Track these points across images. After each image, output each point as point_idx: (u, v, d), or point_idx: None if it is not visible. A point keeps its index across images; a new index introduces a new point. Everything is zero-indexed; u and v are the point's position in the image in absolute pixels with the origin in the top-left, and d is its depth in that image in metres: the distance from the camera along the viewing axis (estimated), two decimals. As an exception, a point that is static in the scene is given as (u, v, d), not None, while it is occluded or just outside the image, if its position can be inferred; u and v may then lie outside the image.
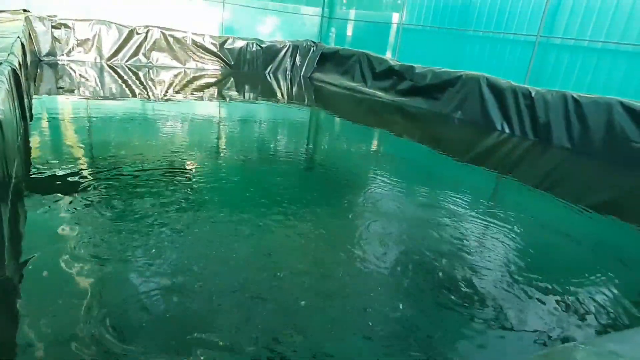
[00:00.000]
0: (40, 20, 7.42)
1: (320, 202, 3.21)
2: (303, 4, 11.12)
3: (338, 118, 6.95)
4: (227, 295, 1.93)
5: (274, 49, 9.95)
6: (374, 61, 8.79)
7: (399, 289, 2.18)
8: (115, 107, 5.55)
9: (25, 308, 1.69)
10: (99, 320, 1.66)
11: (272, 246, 2.44)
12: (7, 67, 2.75)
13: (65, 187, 2.80)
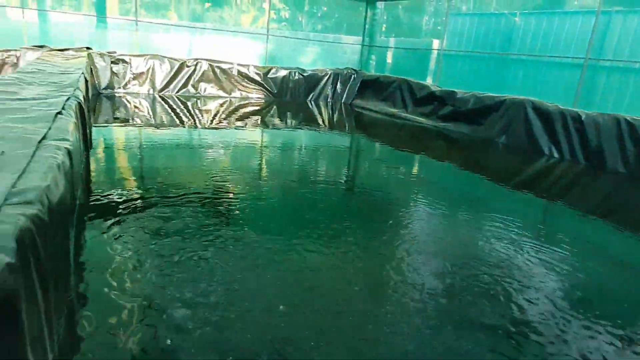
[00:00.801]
0: (101, 57, 8.04)
1: (361, 228, 3.22)
2: (343, 33, 11.42)
3: (379, 144, 6.97)
4: (256, 334, 1.96)
5: (315, 77, 10.21)
6: (414, 87, 8.81)
7: (449, 324, 2.13)
8: (165, 135, 5.87)
9: (88, 327, 1.80)
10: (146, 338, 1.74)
11: (311, 277, 2.47)
12: (74, 101, 3.01)
13: (118, 212, 2.98)
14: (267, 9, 10.24)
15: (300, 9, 11.43)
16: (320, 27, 11.62)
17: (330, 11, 11.65)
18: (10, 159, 1.57)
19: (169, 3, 10.26)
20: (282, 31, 10.64)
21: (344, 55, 11.29)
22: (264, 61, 10.11)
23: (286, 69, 9.87)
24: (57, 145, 1.89)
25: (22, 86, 3.34)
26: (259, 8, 11.66)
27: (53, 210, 1.42)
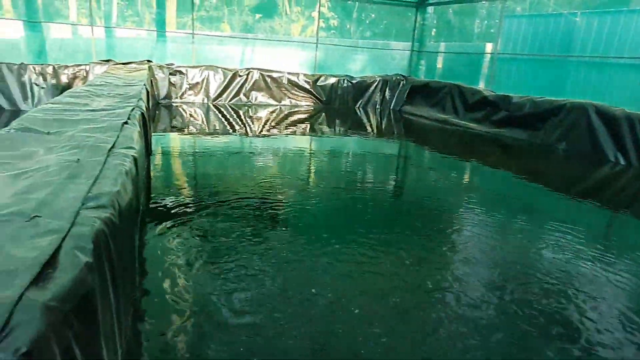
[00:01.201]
0: (160, 69, 8.50)
1: (410, 235, 3.17)
2: (392, 39, 11.35)
3: (428, 150, 6.84)
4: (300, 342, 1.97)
5: (364, 84, 10.21)
6: (466, 92, 8.58)
7: (507, 344, 2.05)
8: (218, 143, 6.09)
9: (151, 324, 1.90)
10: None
11: (359, 285, 2.46)
12: (138, 111, 3.20)
13: (173, 215, 3.12)
14: (317, 18, 10.39)
15: (349, 17, 11.49)
16: (369, 34, 11.62)
17: (379, 18, 11.62)
18: (85, 166, 1.70)
19: (222, 16, 10.68)
20: (331, 39, 10.75)
21: (393, 62, 11.20)
22: (313, 69, 10.24)
23: (335, 77, 9.94)
24: (125, 153, 2.02)
25: (92, 98, 3.60)
26: (308, 17, 11.85)
27: (122, 213, 1.51)
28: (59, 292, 0.83)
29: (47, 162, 1.76)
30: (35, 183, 1.48)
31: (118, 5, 9.54)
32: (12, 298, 0.75)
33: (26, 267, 0.87)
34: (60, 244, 1.02)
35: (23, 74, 7.43)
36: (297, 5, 11.70)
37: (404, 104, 10.22)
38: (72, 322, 0.85)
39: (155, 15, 9.75)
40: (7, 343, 0.66)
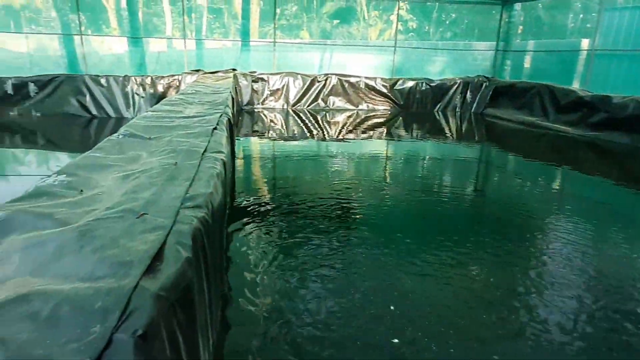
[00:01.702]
0: (244, 77, 8.97)
1: (492, 244, 3.02)
2: (474, 39, 10.88)
3: (512, 155, 6.45)
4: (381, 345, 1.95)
5: (443, 87, 9.91)
6: (557, 93, 7.96)
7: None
8: (296, 147, 6.27)
9: (235, 315, 2.02)
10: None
11: (433, 295, 2.39)
12: (225, 117, 3.42)
13: (254, 215, 3.27)
14: (395, 21, 10.29)
15: (428, 18, 11.22)
16: (449, 34, 11.24)
17: (460, 17, 11.20)
18: (182, 169, 1.86)
19: (302, 24, 10.99)
20: (409, 42, 10.57)
21: (475, 63, 10.73)
22: (391, 73, 10.15)
23: (413, 80, 9.77)
24: (215, 157, 2.17)
25: (185, 106, 3.91)
26: (386, 21, 11.78)
27: (214, 213, 1.63)
28: (166, 283, 0.92)
29: (150, 164, 1.95)
30: (141, 184, 1.65)
31: (207, 19, 10.25)
32: (130, 286, 0.85)
33: (139, 259, 0.98)
34: (165, 240, 1.13)
35: (126, 84, 8.26)
36: (374, 10, 11.69)
37: (486, 107, 9.75)
38: (176, 311, 0.93)
39: (240, 26, 10.32)
40: (127, 325, 0.75)
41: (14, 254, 1.08)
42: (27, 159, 5.93)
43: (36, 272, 0.97)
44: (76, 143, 6.87)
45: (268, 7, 9.83)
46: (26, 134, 7.23)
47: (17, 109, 8.15)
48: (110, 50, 9.46)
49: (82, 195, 1.57)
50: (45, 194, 1.54)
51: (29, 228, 1.23)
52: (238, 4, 10.34)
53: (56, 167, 5.10)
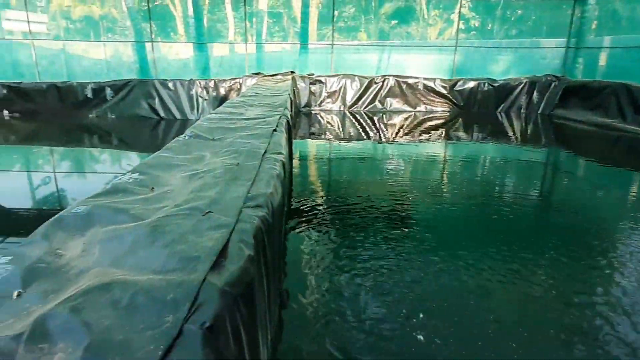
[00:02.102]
0: (302, 79, 9.12)
1: (558, 255, 2.84)
2: (542, 36, 10.30)
3: (584, 160, 6.03)
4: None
5: (507, 87, 9.47)
6: (636, 92, 7.34)
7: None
8: (352, 148, 6.27)
9: (288, 313, 2.06)
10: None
11: (494, 306, 2.28)
12: (284, 119, 3.50)
13: (309, 215, 3.31)
14: (457, 20, 9.99)
15: (492, 16, 10.78)
16: (515, 32, 10.73)
17: (527, 14, 10.64)
18: (244, 169, 1.93)
19: (359, 25, 10.98)
20: (471, 41, 10.22)
21: (542, 61, 10.15)
22: (451, 73, 9.86)
23: (474, 80, 9.43)
24: (275, 157, 2.23)
25: (246, 108, 4.04)
26: (446, 20, 11.46)
27: (274, 213, 1.67)
28: (230, 279, 0.97)
29: (213, 164, 2.04)
30: (206, 183, 1.73)
31: (267, 23, 10.54)
32: (198, 280, 0.90)
33: (205, 255, 1.03)
34: (228, 238, 1.18)
35: (191, 88, 8.69)
36: (435, 9, 11.42)
37: (555, 108, 9.19)
38: (239, 306, 0.97)
39: (298, 29, 10.50)
40: (196, 317, 0.80)
41: (95, 245, 1.18)
42: (104, 158, 6.42)
43: (115, 263, 1.05)
44: (146, 143, 7.34)
45: (326, 10, 9.92)
46: (103, 135, 7.82)
47: (95, 112, 8.86)
48: (177, 55, 10.01)
49: (153, 193, 1.68)
50: (121, 190, 1.66)
51: (107, 222, 1.34)
52: (297, 7, 10.53)
53: (128, 166, 5.48)
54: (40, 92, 8.79)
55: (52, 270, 1.07)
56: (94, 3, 11.26)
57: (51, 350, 0.68)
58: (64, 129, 8.21)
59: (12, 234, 3.52)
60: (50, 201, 4.37)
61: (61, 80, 9.07)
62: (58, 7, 12.10)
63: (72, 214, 1.38)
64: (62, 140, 7.47)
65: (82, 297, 0.81)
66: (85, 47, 10.11)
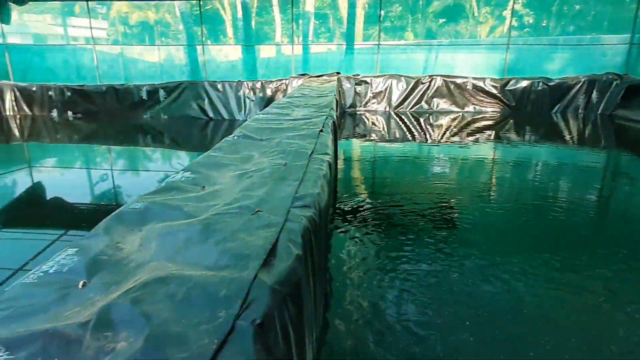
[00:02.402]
0: (347, 80, 9.11)
1: (617, 268, 2.65)
2: (603, 32, 9.70)
3: (651, 164, 5.62)
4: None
5: (563, 86, 8.99)
6: None
7: None
8: (396, 149, 6.19)
9: (331, 314, 2.07)
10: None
11: (552, 323, 2.17)
12: (330, 120, 3.51)
13: (353, 216, 3.30)
14: (509, 16, 9.61)
15: (547, 12, 10.29)
16: (572, 28, 10.18)
17: (586, 9, 10.07)
18: (291, 170, 1.95)
19: (406, 24, 10.82)
20: (524, 38, 9.80)
21: (603, 59, 9.55)
22: (502, 73, 9.50)
23: (528, 80, 9.03)
24: (322, 158, 2.24)
25: (292, 109, 4.09)
26: (497, 17, 11.05)
27: (321, 213, 1.68)
28: (280, 277, 0.98)
29: (262, 164, 2.08)
30: (255, 182, 1.77)
31: (314, 24, 10.61)
32: (249, 278, 0.92)
33: (256, 254, 1.05)
34: (277, 237, 1.19)
35: (239, 89, 8.91)
36: (486, 6, 11.05)
37: (616, 108, 8.63)
38: (288, 305, 0.99)
39: (344, 30, 10.51)
40: (247, 314, 0.82)
41: (152, 240, 1.23)
42: (156, 156, 6.72)
43: (170, 258, 1.09)
44: (195, 142, 7.60)
45: (372, 10, 9.85)
46: (155, 134, 8.19)
47: (149, 112, 9.29)
48: (226, 57, 10.31)
49: (204, 191, 1.73)
50: (174, 188, 1.73)
51: (163, 218, 1.40)
52: (343, 8, 10.54)
53: (178, 164, 5.70)
54: (100, 94, 9.34)
55: (113, 262, 1.13)
56: (149, 9, 11.82)
57: (115, 338, 0.72)
58: (120, 128, 8.68)
59: (73, 226, 3.76)
60: (107, 197, 4.63)
61: (119, 82, 9.59)
62: (117, 14, 12.81)
63: (130, 210, 1.46)
64: (119, 140, 7.90)
65: (141, 290, 0.85)
66: (140, 50, 10.64)
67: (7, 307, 0.92)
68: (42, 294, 0.97)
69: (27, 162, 6.45)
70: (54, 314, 0.86)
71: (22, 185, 5.17)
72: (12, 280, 2.75)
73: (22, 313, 0.87)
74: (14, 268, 2.95)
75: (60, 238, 3.48)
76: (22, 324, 0.81)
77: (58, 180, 5.31)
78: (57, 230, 3.68)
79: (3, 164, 6.32)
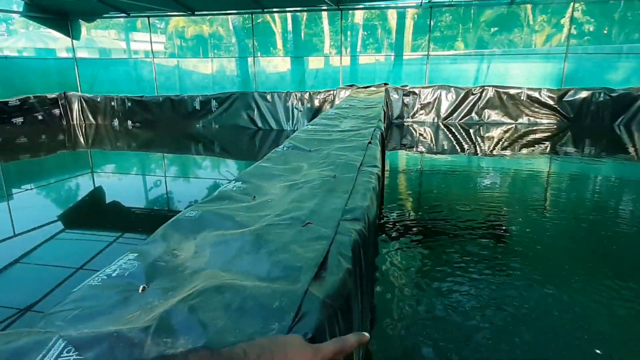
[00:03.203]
0: (395, 90, 9.05)
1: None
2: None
3: None
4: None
5: (628, 97, 8.44)
6: None
7: None
8: (444, 161, 6.04)
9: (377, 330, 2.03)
10: None
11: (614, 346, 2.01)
12: (378, 131, 3.49)
13: (398, 228, 3.24)
14: (567, 24, 9.19)
15: (610, 19, 9.75)
16: (638, 36, 9.58)
17: (654, 15, 9.45)
18: (340, 182, 1.95)
19: (457, 34, 10.62)
20: (584, 47, 9.33)
21: (676, 67, 8.92)
22: (559, 83, 9.07)
23: (587, 90, 8.56)
24: (370, 170, 2.23)
25: (340, 120, 4.11)
26: (555, 25, 10.60)
27: (369, 226, 1.67)
28: (331, 291, 0.98)
29: (311, 176, 2.10)
30: (305, 194, 1.79)
31: (362, 35, 10.66)
32: (301, 291, 0.92)
33: (307, 266, 1.06)
34: (328, 249, 1.20)
35: (288, 99, 9.08)
36: (541, 14, 10.63)
37: (689, 121, 7.98)
38: (338, 319, 0.98)
39: (393, 40, 10.47)
40: (299, 326, 0.82)
41: (206, 248, 1.27)
42: (207, 164, 6.96)
43: (224, 267, 1.12)
44: (244, 152, 7.80)
45: (422, 20, 9.76)
46: (207, 143, 8.49)
47: (201, 122, 9.66)
48: (275, 68, 10.55)
49: (255, 201, 1.77)
50: (227, 197, 1.78)
51: (216, 227, 1.44)
52: (392, 19, 10.51)
53: (227, 172, 5.86)
54: (157, 105, 9.84)
55: (170, 268, 1.18)
56: (204, 23, 12.37)
57: (174, 344, 0.74)
58: (174, 137, 9.08)
59: (129, 229, 3.96)
60: (160, 202, 4.84)
61: (174, 93, 10.06)
62: (174, 28, 13.49)
63: (186, 218, 1.51)
64: (172, 148, 8.26)
65: (198, 297, 0.88)
66: (195, 63, 11.12)
67: (74, 307, 0.97)
68: (106, 296, 1.02)
69: (90, 167, 6.88)
70: (117, 316, 0.90)
71: (84, 189, 5.52)
72: (74, 278, 2.93)
73: (88, 314, 0.92)
74: (75, 267, 3.14)
75: (117, 240, 3.67)
76: (88, 324, 0.86)
77: (116, 185, 5.62)
78: (114, 233, 3.89)
79: (69, 169, 6.78)
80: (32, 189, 5.60)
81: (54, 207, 4.76)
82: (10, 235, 3.88)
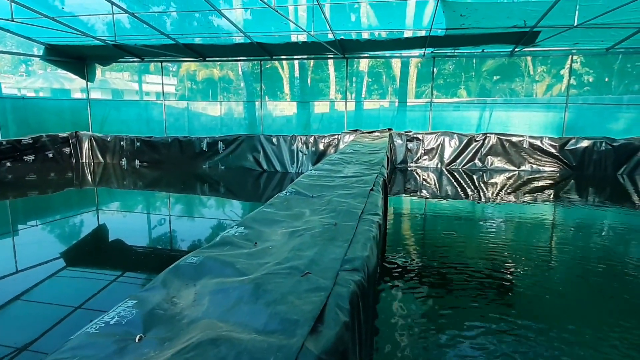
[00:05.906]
0: (399, 136, 9.20)
1: None
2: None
3: None
4: None
5: (630, 147, 8.52)
6: None
7: None
8: (448, 207, 6.04)
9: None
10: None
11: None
12: (381, 178, 3.54)
13: (400, 277, 3.21)
14: (567, 75, 9.44)
15: (609, 70, 10.03)
16: (638, 87, 9.81)
17: (653, 67, 9.72)
18: (341, 230, 1.97)
19: (459, 82, 10.93)
20: (584, 97, 9.54)
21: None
22: (560, 132, 9.20)
23: (589, 139, 8.66)
24: (372, 219, 2.25)
25: (344, 165, 4.18)
26: (555, 75, 10.90)
27: (369, 276, 1.67)
28: (327, 347, 0.98)
29: (312, 223, 2.12)
30: (305, 242, 1.80)
31: (367, 82, 10.99)
32: (297, 346, 0.92)
33: (304, 319, 1.06)
34: (326, 302, 1.20)
35: (293, 143, 9.24)
36: (541, 65, 10.96)
37: (692, 171, 8.00)
38: (333, 376, 0.98)
39: (397, 87, 10.77)
40: (293, 384, 0.82)
41: (205, 297, 1.28)
42: (211, 204, 7.00)
43: (221, 317, 1.13)
44: (249, 193, 7.86)
45: (425, 68, 10.07)
46: (212, 183, 8.58)
47: (208, 163, 9.80)
48: (281, 112, 10.81)
49: (256, 248, 1.79)
50: (228, 243, 1.80)
51: (216, 274, 1.46)
52: (396, 67, 10.87)
53: (230, 212, 5.87)
54: (165, 145, 10.03)
55: (168, 317, 1.19)
56: (214, 67, 12.82)
57: (167, 400, 0.74)
58: (181, 177, 9.18)
59: (130, 268, 3.94)
60: (162, 241, 4.84)
61: (183, 134, 10.28)
62: (186, 71, 13.98)
63: (187, 264, 1.53)
64: (178, 187, 8.34)
65: (193, 351, 0.89)
66: (204, 105, 11.42)
67: (71, 356, 0.98)
68: (103, 345, 1.03)
69: (95, 205, 6.94)
70: (112, 368, 0.90)
71: (88, 226, 5.55)
72: (72, 317, 2.90)
73: (84, 364, 0.93)
74: (74, 305, 3.11)
75: (118, 279, 3.65)
76: (84, 375, 0.87)
77: (121, 223, 5.65)
78: (115, 272, 3.87)
79: (74, 207, 6.84)
80: (37, 225, 5.63)
81: (58, 244, 4.77)
82: (12, 271, 3.88)
